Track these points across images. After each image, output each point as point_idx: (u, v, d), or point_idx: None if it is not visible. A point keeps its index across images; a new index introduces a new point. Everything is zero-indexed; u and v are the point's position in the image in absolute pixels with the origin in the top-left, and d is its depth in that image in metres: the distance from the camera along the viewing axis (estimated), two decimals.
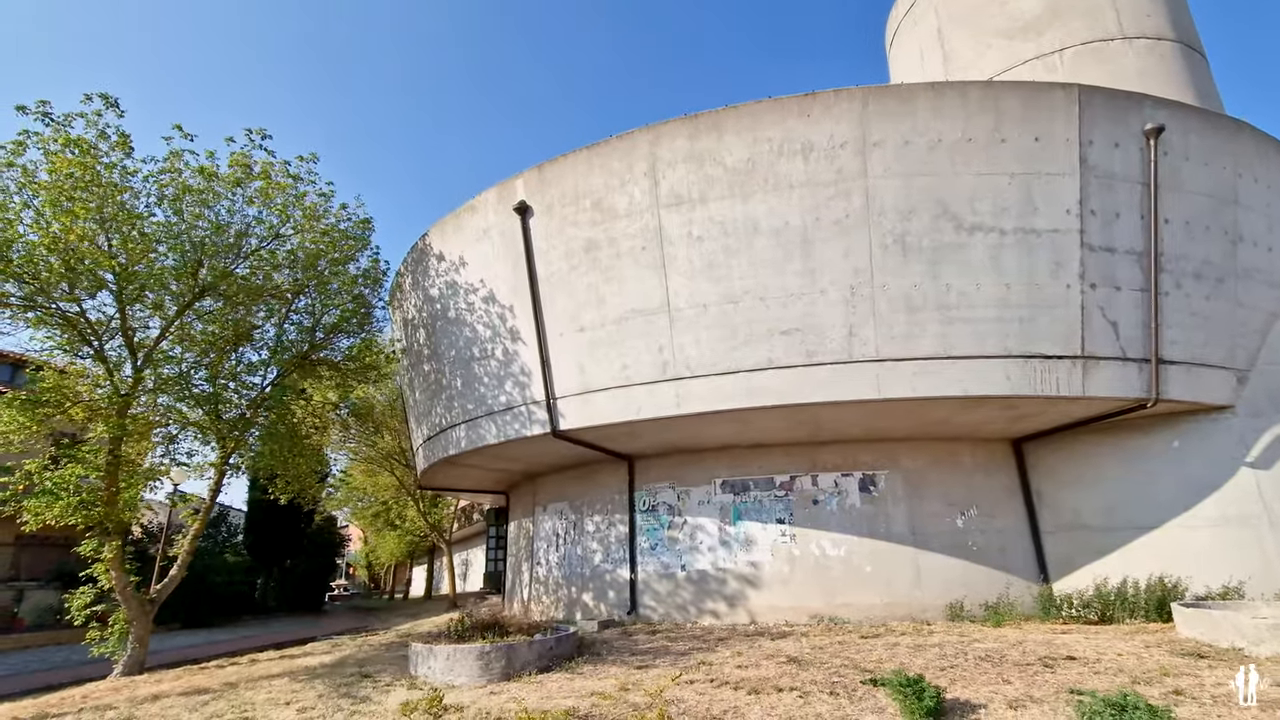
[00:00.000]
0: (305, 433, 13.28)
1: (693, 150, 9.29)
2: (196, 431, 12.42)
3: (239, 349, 11.90)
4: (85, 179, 9.27)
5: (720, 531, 10.81)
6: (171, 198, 10.12)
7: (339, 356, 12.90)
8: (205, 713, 6.80)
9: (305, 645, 13.50)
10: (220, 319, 11.45)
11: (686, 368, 9.21)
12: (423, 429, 13.49)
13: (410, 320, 13.12)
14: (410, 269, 12.82)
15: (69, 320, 10.04)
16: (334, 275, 11.81)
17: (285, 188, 10.67)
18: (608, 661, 7.83)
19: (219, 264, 10.54)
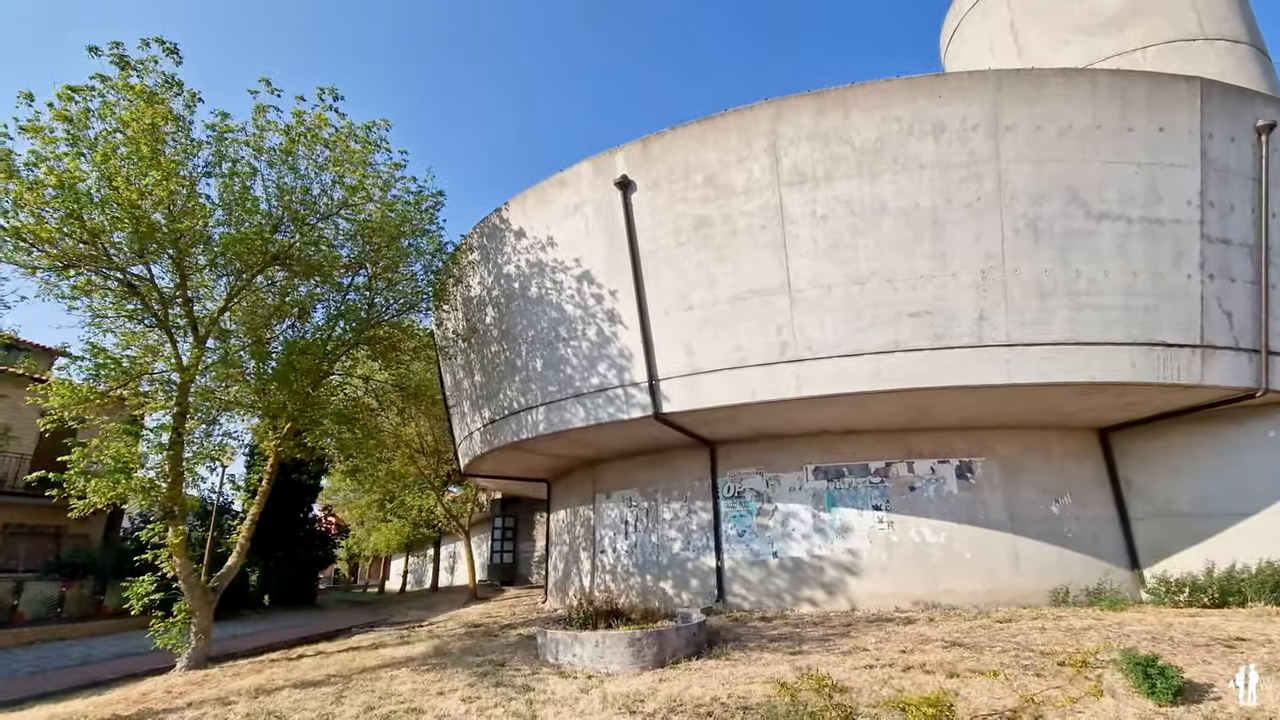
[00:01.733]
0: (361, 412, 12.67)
1: (818, 127, 9.09)
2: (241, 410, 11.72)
3: (303, 323, 11.23)
4: (162, 132, 8.54)
5: (814, 518, 10.67)
6: (252, 158, 9.42)
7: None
8: (357, 703, 6.31)
9: (350, 638, 12.89)
10: (285, 290, 10.80)
11: (808, 349, 9.01)
12: (482, 413, 12.98)
13: (475, 299, 12.59)
14: (480, 245, 12.28)
15: (132, 287, 9.27)
16: (409, 251, 11.24)
17: (363, 151, 10.05)
18: (750, 648, 7.60)
19: (291, 232, 9.89)
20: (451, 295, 12.39)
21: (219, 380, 10.28)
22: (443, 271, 12.09)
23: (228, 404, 10.73)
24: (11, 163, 7.88)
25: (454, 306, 13.24)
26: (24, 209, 7.95)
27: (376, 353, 12.81)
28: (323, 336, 11.03)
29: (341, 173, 9.91)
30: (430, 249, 11.42)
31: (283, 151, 9.39)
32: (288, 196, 9.49)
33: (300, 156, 9.57)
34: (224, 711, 6.54)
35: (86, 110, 8.12)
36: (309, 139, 9.63)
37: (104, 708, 7.55)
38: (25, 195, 7.68)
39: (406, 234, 11.04)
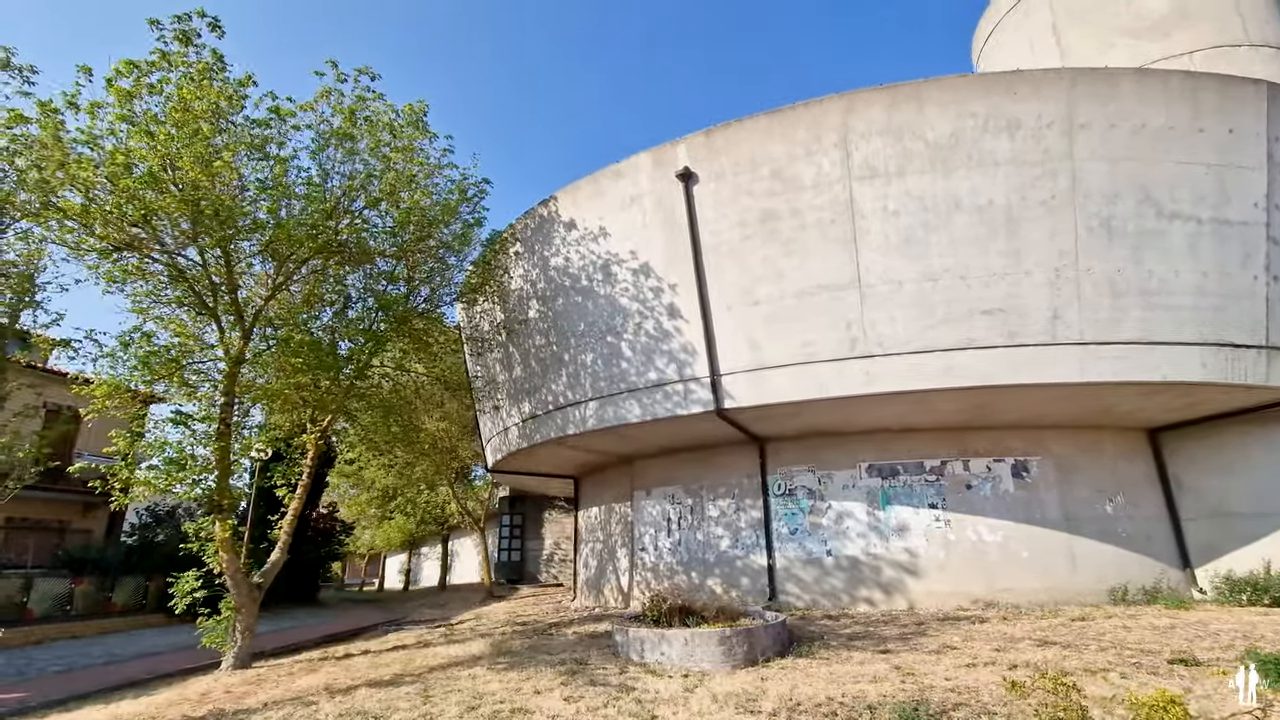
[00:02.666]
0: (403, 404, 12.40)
1: (890, 122, 9.02)
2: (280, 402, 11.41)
3: (344, 314, 10.92)
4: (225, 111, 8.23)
5: (869, 516, 10.61)
6: (315, 141, 9.13)
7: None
8: (451, 702, 6.09)
9: (382, 637, 12.61)
10: (336, 279, 10.52)
11: (878, 345, 8.94)
12: (521, 407, 12.75)
13: (518, 292, 12.35)
14: (524, 237, 12.06)
15: (180, 272, 8.94)
16: (452, 241, 11.00)
17: (413, 136, 9.80)
18: (834, 646, 7.49)
19: (343, 219, 9.61)
20: (490, 287, 12.12)
21: (268, 370, 9.94)
22: (485, 263, 11.85)
23: (270, 394, 10.40)
24: (63, 139, 7.53)
25: (491, 299, 12.99)
26: (75, 188, 7.61)
27: (411, 346, 12.54)
28: (364, 327, 10.75)
29: (394, 158, 9.64)
30: (477, 240, 11.18)
31: (341, 134, 9.10)
32: (351, 181, 9.20)
33: (357, 140, 9.27)
34: (309, 712, 6.28)
35: (149, 86, 7.78)
36: (369, 123, 9.36)
37: (167, 709, 7.25)
38: (79, 173, 7.33)
39: (450, 223, 10.80)
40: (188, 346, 9.23)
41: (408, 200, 9.83)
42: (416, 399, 13.30)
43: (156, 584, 17.87)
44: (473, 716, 5.69)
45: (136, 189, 7.27)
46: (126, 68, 7.73)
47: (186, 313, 9.51)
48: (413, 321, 11.70)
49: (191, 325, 9.64)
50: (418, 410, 13.72)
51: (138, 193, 7.28)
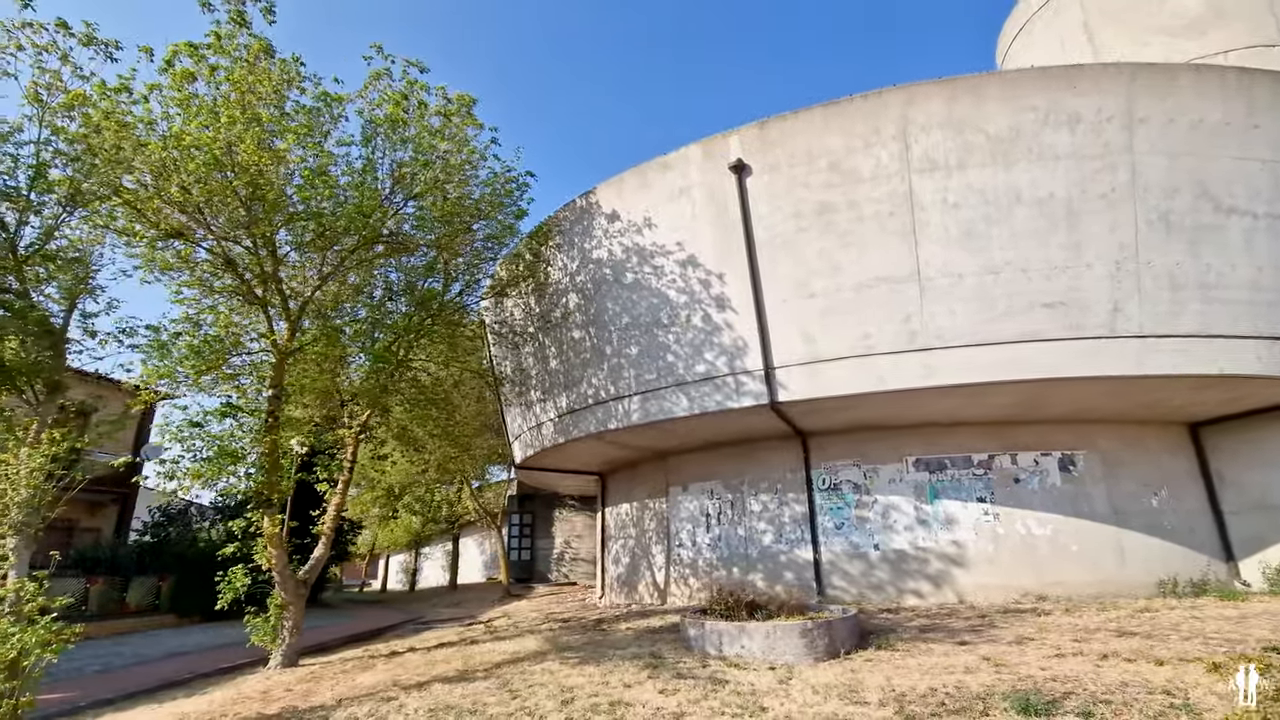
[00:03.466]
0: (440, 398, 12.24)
1: (950, 115, 9.01)
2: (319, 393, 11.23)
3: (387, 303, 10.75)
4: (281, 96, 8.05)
5: (916, 510, 10.61)
6: (363, 129, 8.96)
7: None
8: (542, 695, 5.98)
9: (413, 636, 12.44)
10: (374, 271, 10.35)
11: (938, 338, 8.93)
12: (558, 402, 12.62)
13: (555, 284, 12.22)
14: (563, 229, 11.93)
15: (229, 261, 8.74)
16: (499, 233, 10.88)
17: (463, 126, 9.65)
18: (907, 639, 7.45)
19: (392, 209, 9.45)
20: (531, 280, 11.98)
21: (310, 362, 9.75)
22: (524, 256, 11.71)
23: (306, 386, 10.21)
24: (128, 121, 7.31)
25: (524, 292, 12.85)
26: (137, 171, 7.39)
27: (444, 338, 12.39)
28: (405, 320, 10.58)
29: (443, 148, 9.48)
30: (519, 233, 11.05)
31: (394, 121, 8.93)
32: (401, 170, 9.04)
33: (408, 127, 9.10)
34: (393, 708, 6.13)
35: (208, 68, 7.57)
36: (419, 111, 9.20)
37: (231, 706, 7.07)
38: (148, 156, 7.12)
39: (495, 215, 10.67)
40: (235, 337, 9.01)
41: (454, 191, 9.69)
42: (455, 393, 13.12)
43: (168, 584, 17.53)
44: (571, 710, 5.58)
45: (202, 173, 7.07)
46: (187, 49, 7.52)
47: (234, 303, 9.28)
48: (447, 315, 11.57)
49: (237, 316, 9.39)
50: (457, 404, 13.53)
51: (204, 177, 7.08)
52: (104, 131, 6.45)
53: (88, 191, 6.35)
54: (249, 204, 8.24)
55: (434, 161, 9.12)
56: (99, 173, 6.48)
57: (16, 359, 6.50)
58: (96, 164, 6.38)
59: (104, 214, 7.27)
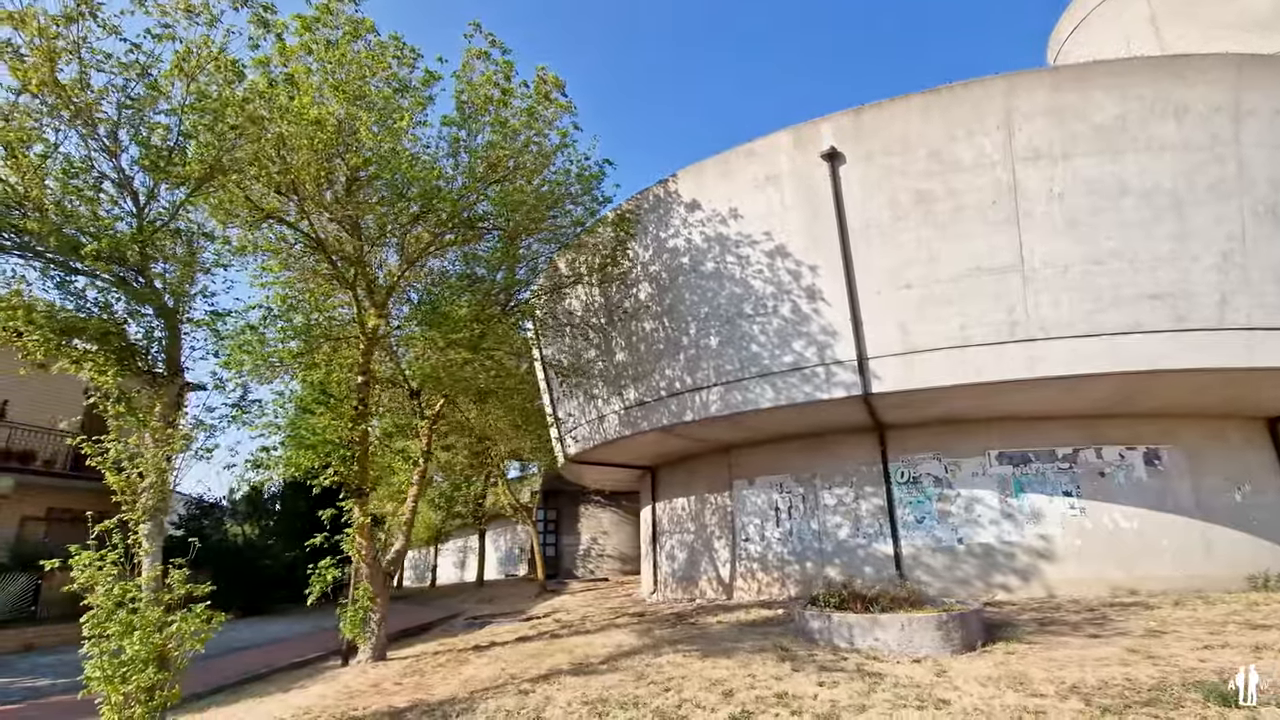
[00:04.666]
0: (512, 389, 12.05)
1: (1054, 104, 8.93)
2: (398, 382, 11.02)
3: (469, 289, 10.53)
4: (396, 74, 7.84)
5: (1002, 504, 10.53)
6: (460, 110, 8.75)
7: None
8: (694, 688, 5.83)
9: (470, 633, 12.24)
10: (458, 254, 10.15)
11: (1041, 329, 8.84)
12: (625, 395, 12.45)
13: (625, 274, 12.04)
14: (638, 217, 11.75)
15: (320, 243, 8.52)
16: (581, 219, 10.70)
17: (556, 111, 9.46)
18: (1031, 632, 7.36)
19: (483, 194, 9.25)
20: (604, 269, 11.77)
21: (401, 346, 9.53)
22: (598, 246, 11.52)
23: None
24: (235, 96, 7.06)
25: (589, 282, 12.66)
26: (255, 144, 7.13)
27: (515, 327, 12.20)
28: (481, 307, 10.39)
29: (534, 132, 9.29)
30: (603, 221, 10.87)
31: (498, 102, 8.73)
32: (499, 151, 8.84)
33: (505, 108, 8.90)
34: (530, 701, 5.96)
35: (325, 44, 7.34)
36: (512, 94, 9.00)
37: (348, 700, 6.87)
38: (277, 132, 6.86)
39: (579, 202, 10.51)
40: (328, 320, 8.79)
41: (540, 177, 9.51)
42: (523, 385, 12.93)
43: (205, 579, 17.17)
44: (738, 702, 5.43)
45: (321, 149, 6.85)
46: (300, 24, 7.29)
47: (326, 287, 9.05)
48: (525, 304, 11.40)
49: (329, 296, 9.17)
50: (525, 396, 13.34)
51: (323, 153, 6.85)
52: (248, 104, 6.20)
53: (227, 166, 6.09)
54: (350, 183, 8.04)
55: (528, 145, 8.92)
56: (233, 146, 6.21)
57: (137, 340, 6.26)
58: (233, 137, 6.11)
59: (222, 191, 7.01)
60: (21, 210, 5.44)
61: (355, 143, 7.40)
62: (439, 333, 8.60)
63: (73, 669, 9.94)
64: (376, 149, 7.34)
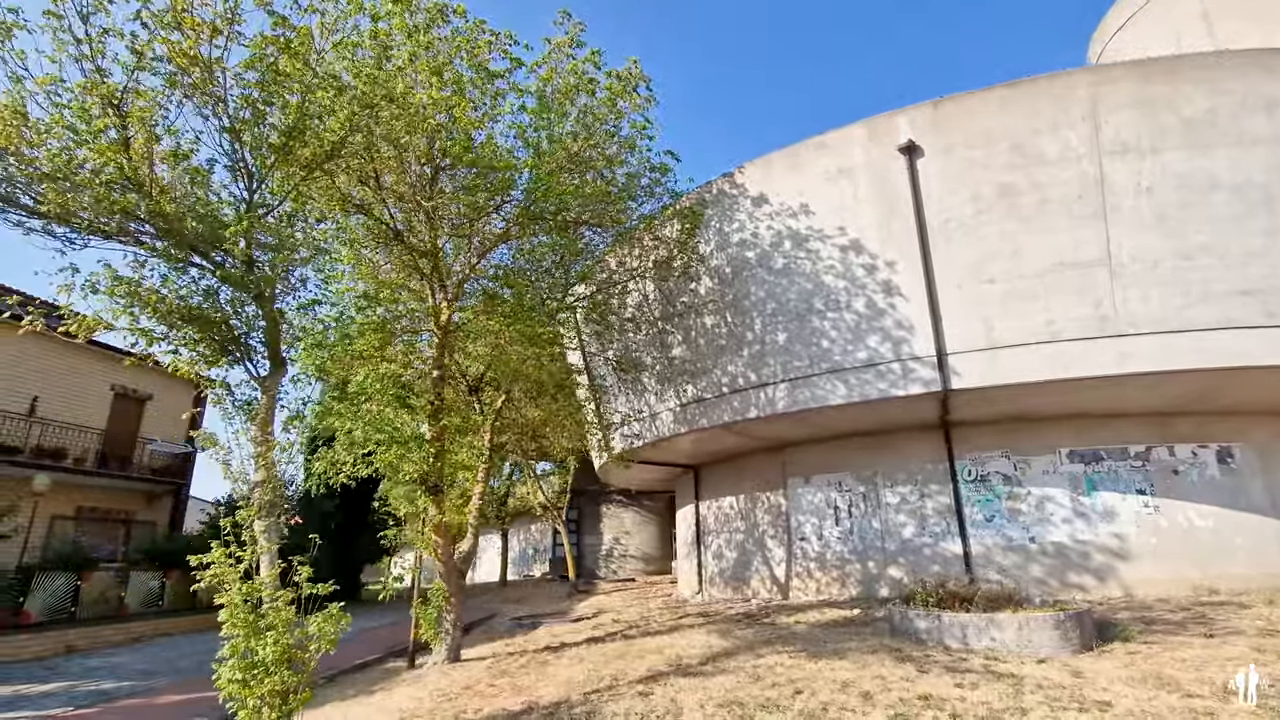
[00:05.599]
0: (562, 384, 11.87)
1: (1142, 97, 8.83)
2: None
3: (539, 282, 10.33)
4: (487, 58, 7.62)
5: (1074, 502, 10.42)
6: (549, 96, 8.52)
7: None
8: (825, 691, 5.64)
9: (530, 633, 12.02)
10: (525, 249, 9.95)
11: (1130, 325, 8.73)
12: (681, 391, 12.26)
13: (682, 267, 11.83)
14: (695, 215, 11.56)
15: (398, 233, 8.30)
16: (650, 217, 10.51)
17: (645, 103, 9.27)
18: (1140, 632, 7.21)
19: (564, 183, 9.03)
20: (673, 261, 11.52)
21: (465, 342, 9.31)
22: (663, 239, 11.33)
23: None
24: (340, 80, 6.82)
25: (642, 276, 12.44)
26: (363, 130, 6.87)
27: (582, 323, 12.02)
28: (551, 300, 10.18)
29: (617, 119, 9.09)
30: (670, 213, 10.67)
31: (576, 91, 8.52)
32: (586, 141, 8.63)
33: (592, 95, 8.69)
34: (650, 705, 5.76)
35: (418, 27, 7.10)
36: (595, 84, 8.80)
37: (444, 704, 6.64)
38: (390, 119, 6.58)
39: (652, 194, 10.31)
40: (409, 313, 8.57)
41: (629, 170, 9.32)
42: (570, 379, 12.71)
43: None
44: (886, 704, 5.25)
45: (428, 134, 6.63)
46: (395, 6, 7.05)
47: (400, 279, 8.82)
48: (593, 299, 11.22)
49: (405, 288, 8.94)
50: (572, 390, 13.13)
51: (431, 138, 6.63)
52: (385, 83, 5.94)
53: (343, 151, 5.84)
54: (436, 171, 7.83)
55: (613, 136, 8.73)
56: (362, 128, 5.96)
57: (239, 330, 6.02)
58: (365, 117, 5.86)
59: (328, 179, 6.76)
60: (133, 191, 5.18)
61: (449, 129, 7.18)
62: (519, 326, 8.38)
63: (129, 672, 9.68)
64: (469, 137, 7.11)
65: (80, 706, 7.49)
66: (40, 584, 11.89)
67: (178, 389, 19.28)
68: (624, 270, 11.49)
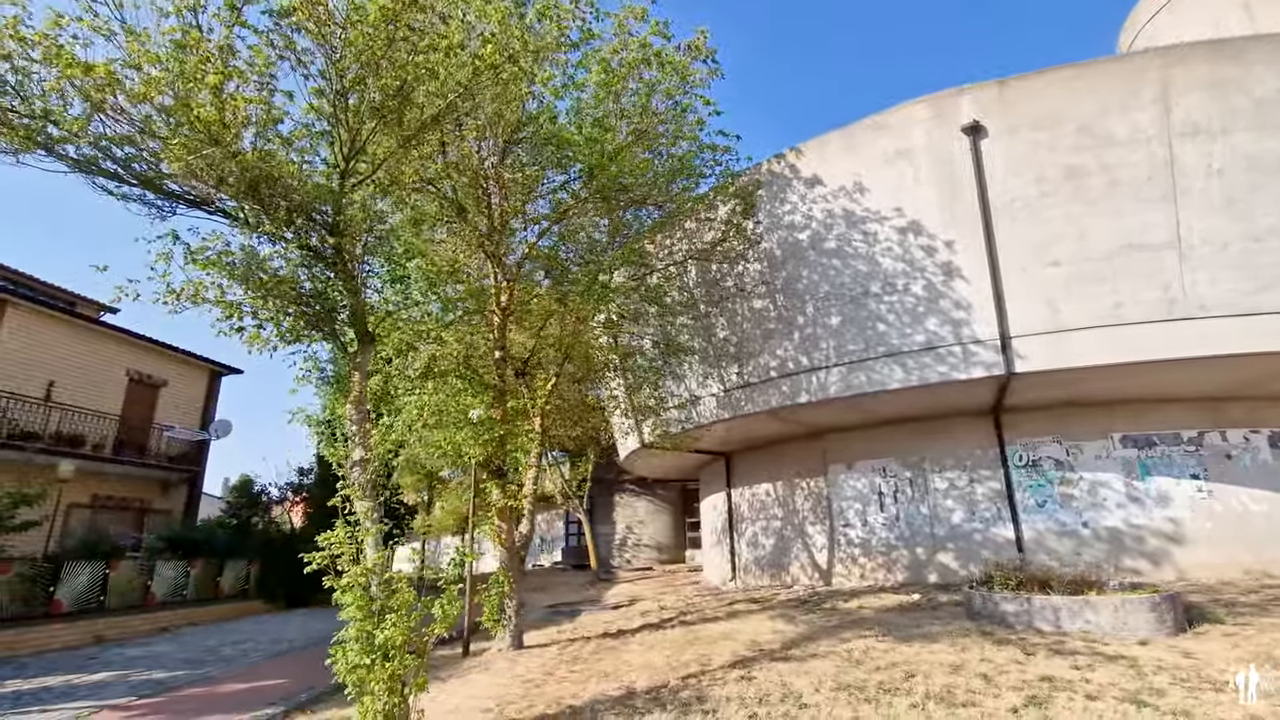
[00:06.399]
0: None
1: (1213, 78, 8.74)
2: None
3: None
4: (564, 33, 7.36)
5: (1128, 487, 10.41)
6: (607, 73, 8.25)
7: None
8: (940, 675, 5.54)
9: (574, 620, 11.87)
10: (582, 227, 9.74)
11: (1199, 308, 8.67)
12: (725, 375, 12.11)
13: (729, 250, 11.64)
14: (746, 194, 11.37)
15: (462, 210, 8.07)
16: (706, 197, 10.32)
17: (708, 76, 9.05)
18: (1227, 613, 7.18)
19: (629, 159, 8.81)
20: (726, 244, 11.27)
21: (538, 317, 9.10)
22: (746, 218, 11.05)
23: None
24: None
25: (694, 257, 12.19)
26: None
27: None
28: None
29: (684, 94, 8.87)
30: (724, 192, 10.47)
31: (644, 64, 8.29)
32: (649, 118, 8.41)
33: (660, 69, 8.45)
34: (764, 689, 5.63)
35: None
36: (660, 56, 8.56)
37: (534, 690, 6.48)
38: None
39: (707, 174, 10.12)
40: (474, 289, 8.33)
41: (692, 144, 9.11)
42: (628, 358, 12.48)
43: (255, 569, 16.59)
44: (1004, 685, 5.15)
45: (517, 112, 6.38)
46: None
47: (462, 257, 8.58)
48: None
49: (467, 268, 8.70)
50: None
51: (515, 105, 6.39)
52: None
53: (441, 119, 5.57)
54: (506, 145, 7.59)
55: (686, 109, 8.51)
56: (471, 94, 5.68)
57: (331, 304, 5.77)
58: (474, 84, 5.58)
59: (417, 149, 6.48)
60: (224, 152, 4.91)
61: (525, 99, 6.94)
62: (585, 304, 8.18)
63: (174, 661, 9.43)
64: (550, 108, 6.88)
65: (143, 695, 7.25)
66: (69, 573, 11.56)
67: (191, 375, 18.87)
68: (673, 251, 11.28)
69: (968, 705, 4.74)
